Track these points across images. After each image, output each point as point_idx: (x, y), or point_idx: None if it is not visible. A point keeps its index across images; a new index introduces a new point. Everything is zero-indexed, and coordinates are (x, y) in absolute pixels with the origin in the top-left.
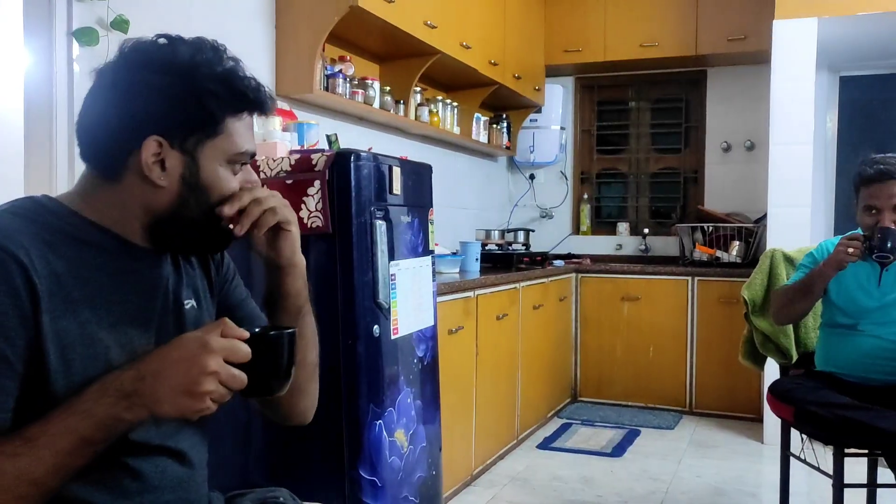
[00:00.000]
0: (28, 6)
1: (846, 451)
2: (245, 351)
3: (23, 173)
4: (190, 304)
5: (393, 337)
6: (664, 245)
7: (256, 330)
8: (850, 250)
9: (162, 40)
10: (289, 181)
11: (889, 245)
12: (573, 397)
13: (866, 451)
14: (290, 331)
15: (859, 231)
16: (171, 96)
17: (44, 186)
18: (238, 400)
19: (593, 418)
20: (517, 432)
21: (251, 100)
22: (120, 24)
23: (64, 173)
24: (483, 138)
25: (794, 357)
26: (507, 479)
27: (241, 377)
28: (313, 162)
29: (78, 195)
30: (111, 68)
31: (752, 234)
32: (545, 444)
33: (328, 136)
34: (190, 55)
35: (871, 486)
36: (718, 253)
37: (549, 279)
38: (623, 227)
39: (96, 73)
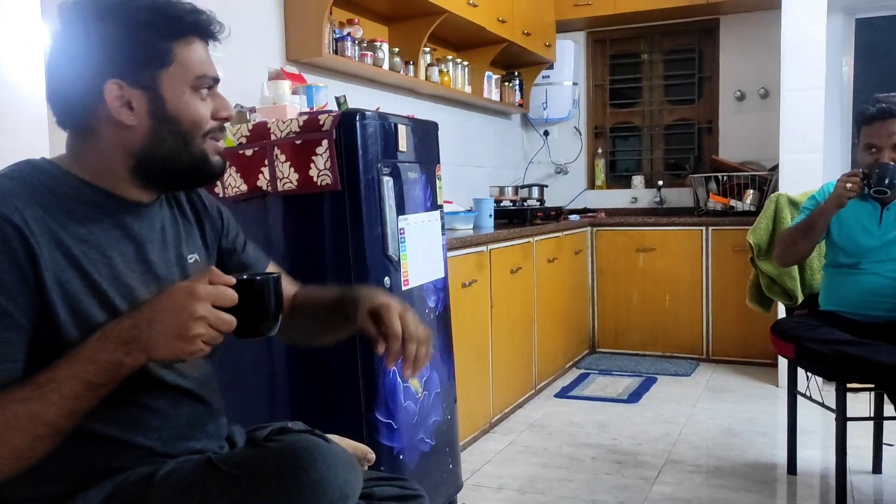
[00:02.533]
0: None
1: (852, 386)
2: (231, 296)
3: (48, 146)
4: (193, 258)
5: (404, 288)
6: (679, 196)
7: (243, 276)
8: (849, 185)
9: None
10: (298, 141)
11: (887, 181)
12: (591, 348)
13: (872, 386)
14: (274, 275)
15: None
16: (113, 38)
17: None
18: (262, 346)
19: (611, 368)
20: (535, 382)
21: (190, 23)
22: None
23: None
24: (495, 96)
25: (800, 299)
26: (524, 425)
27: (230, 320)
28: (320, 122)
29: (70, 155)
30: (57, 33)
31: (766, 181)
32: (563, 394)
33: (337, 98)
34: None
35: (877, 419)
36: (732, 202)
37: (564, 233)
38: (638, 180)
39: (49, 42)
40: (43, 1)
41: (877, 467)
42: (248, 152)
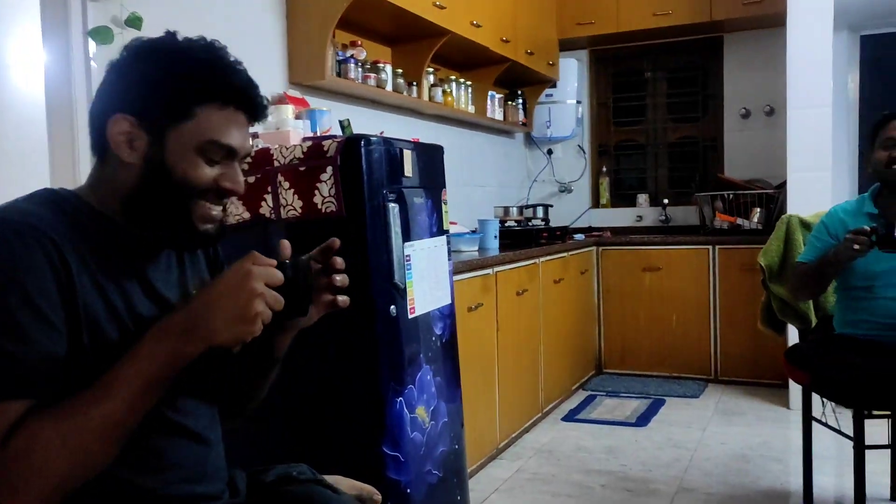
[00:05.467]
0: (45, 8)
1: (871, 413)
2: (279, 275)
3: (48, 167)
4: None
5: (410, 316)
6: (685, 215)
7: (280, 259)
8: (856, 247)
9: (165, 34)
10: (302, 168)
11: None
12: (598, 369)
13: (889, 413)
14: (305, 258)
15: (868, 210)
16: (146, 78)
17: (68, 180)
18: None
19: (618, 389)
20: (542, 406)
21: (225, 92)
22: (133, 21)
23: (87, 167)
24: (499, 116)
25: (814, 321)
26: (532, 451)
27: (281, 298)
28: (325, 148)
29: (88, 186)
30: (111, 63)
31: (772, 200)
32: (570, 417)
33: (341, 122)
34: (180, 45)
35: (894, 446)
36: (739, 220)
37: (569, 253)
38: (643, 198)
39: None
40: (43, 27)
41: (894, 495)
42: (251, 179)
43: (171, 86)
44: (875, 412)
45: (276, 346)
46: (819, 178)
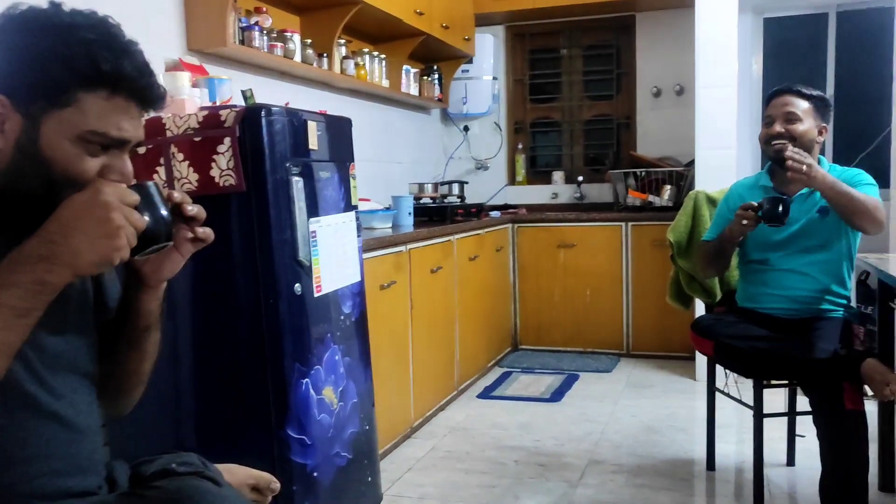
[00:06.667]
0: None
1: (769, 382)
2: (134, 194)
3: None
4: None
5: (316, 295)
6: (599, 192)
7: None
8: (745, 222)
9: (49, 4)
10: (197, 139)
11: (780, 210)
12: (514, 346)
13: (786, 382)
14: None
15: (764, 183)
16: (25, 55)
17: None
18: (166, 364)
19: (533, 365)
20: (457, 383)
21: (109, 74)
22: None
23: None
24: (414, 91)
25: (718, 296)
26: (446, 429)
27: (140, 217)
28: (222, 118)
29: None
30: None
31: (682, 177)
32: (485, 394)
33: (243, 92)
34: (66, 20)
35: (791, 414)
36: (651, 197)
37: (485, 230)
38: (558, 175)
39: None
40: None
41: (790, 460)
42: (141, 150)
43: (52, 66)
44: (773, 382)
45: (142, 309)
46: (724, 156)
